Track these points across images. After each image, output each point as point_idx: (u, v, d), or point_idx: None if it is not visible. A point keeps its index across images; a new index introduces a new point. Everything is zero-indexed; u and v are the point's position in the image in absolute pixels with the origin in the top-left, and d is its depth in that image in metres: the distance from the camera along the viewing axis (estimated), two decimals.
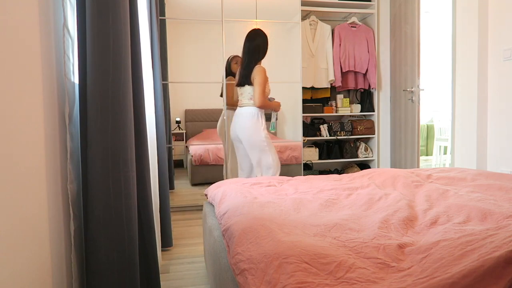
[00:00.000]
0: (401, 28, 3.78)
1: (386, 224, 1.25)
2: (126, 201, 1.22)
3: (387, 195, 1.60)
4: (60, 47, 1.14)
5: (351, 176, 2.11)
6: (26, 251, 0.93)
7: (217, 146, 3.78)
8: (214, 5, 3.47)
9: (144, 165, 1.51)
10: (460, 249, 0.95)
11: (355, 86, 4.06)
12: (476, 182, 1.81)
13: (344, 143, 4.11)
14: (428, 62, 6.98)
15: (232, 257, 1.13)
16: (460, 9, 3.25)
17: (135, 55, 1.41)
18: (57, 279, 1.09)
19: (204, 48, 3.86)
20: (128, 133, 1.24)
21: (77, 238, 1.20)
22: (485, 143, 3.13)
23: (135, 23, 1.43)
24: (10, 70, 0.87)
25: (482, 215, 1.29)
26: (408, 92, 3.69)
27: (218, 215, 1.56)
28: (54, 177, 1.09)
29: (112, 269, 1.19)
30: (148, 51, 2.11)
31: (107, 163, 1.17)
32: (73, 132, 1.20)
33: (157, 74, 2.32)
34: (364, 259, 1.00)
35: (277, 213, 1.40)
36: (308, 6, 3.81)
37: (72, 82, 1.20)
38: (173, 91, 3.74)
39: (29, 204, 0.95)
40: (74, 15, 1.21)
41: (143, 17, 2.00)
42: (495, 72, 3.03)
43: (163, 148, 2.39)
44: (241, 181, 1.98)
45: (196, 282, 1.95)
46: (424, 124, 6.56)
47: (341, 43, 3.93)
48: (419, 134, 3.62)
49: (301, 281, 0.86)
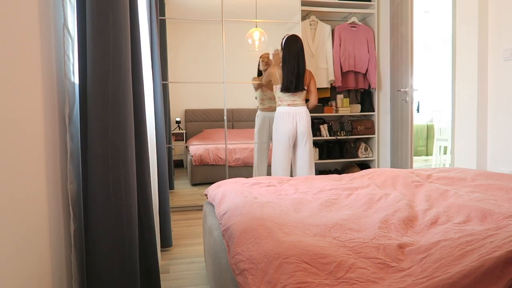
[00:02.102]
0: (398, 28, 3.78)
1: (386, 224, 1.25)
2: (126, 201, 1.22)
3: (387, 195, 1.60)
4: (60, 47, 1.14)
5: (351, 176, 2.11)
6: (26, 251, 0.93)
7: (217, 146, 3.78)
8: (214, 5, 3.47)
9: (144, 165, 1.51)
10: (460, 249, 0.95)
11: (355, 86, 4.06)
12: (476, 182, 1.81)
13: (344, 143, 4.11)
14: (428, 62, 6.98)
15: (232, 257, 1.13)
16: (460, 9, 3.25)
17: (135, 55, 1.41)
18: (57, 279, 1.09)
19: (204, 48, 3.86)
20: (128, 133, 1.24)
21: (77, 238, 1.20)
22: (485, 143, 3.13)
23: (135, 23, 1.43)
24: (10, 70, 0.87)
25: (482, 215, 1.29)
26: (402, 92, 3.69)
27: (218, 215, 1.56)
28: (54, 177, 1.09)
29: (112, 269, 1.19)
30: (148, 51, 2.11)
31: (107, 163, 1.17)
32: (73, 132, 1.20)
33: (157, 74, 2.32)
34: (364, 259, 1.00)
35: (277, 213, 1.39)
36: (308, 6, 3.81)
37: (72, 82, 1.20)
38: (173, 91, 3.74)
39: (29, 204, 0.95)
40: (74, 15, 1.21)
41: (143, 17, 2.00)
42: (495, 72, 3.03)
43: (163, 148, 2.39)
44: (241, 181, 1.98)
45: (196, 282, 1.95)
46: (424, 124, 6.56)
47: (341, 43, 3.93)
48: (412, 134, 3.62)
49: (301, 281, 0.86)
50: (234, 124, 4.09)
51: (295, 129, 3.01)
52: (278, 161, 3.05)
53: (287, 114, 3.01)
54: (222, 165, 3.72)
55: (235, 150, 3.78)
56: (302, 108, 3.03)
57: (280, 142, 3.02)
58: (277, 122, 3.05)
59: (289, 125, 2.99)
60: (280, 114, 3.04)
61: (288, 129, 2.99)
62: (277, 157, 3.06)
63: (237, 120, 4.11)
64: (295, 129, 3.01)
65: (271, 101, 3.50)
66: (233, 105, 3.96)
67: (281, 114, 3.03)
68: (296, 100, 3.03)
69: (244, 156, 3.83)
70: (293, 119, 3.00)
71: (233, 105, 3.93)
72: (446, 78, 6.42)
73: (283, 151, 3.02)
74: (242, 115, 4.12)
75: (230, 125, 4.03)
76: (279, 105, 3.08)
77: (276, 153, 3.06)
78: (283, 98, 3.04)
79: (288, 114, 3.01)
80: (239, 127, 4.06)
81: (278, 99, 3.08)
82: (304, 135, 3.02)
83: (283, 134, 3.00)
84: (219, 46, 3.49)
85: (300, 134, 3.02)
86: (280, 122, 3.02)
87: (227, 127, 3.60)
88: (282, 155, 3.02)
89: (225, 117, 3.54)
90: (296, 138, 3.04)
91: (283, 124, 3.00)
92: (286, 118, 3.00)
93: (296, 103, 3.02)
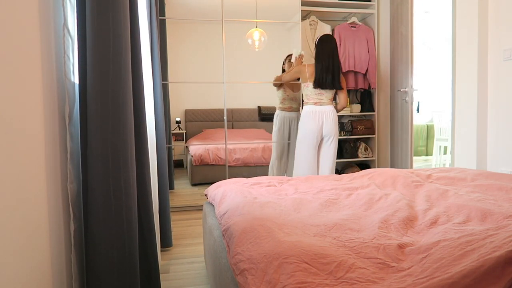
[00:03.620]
0: (398, 28, 3.78)
1: (386, 224, 1.25)
2: (126, 201, 1.22)
3: (387, 195, 1.60)
4: (60, 47, 1.14)
5: (351, 176, 2.11)
6: (26, 251, 0.93)
7: (217, 146, 3.78)
8: (214, 5, 3.47)
9: (144, 165, 1.51)
10: (460, 249, 0.95)
11: (355, 86, 4.06)
12: (476, 182, 1.81)
13: (344, 143, 4.11)
14: (428, 62, 6.98)
15: (232, 257, 1.13)
16: (460, 9, 3.25)
17: (135, 55, 1.41)
18: (57, 279, 1.09)
19: (204, 48, 3.85)
20: (128, 133, 1.24)
21: (77, 238, 1.20)
22: (485, 143, 3.13)
23: (135, 23, 1.43)
24: (10, 70, 0.87)
25: (482, 215, 1.29)
26: (402, 92, 3.69)
27: (218, 215, 1.56)
28: (54, 177, 1.09)
29: (112, 269, 1.19)
30: (148, 51, 2.11)
31: (107, 163, 1.17)
32: (73, 132, 1.20)
33: (157, 74, 2.32)
34: (364, 259, 1.00)
35: (277, 213, 1.39)
36: (308, 6, 3.81)
37: (72, 82, 1.20)
38: (173, 91, 3.74)
39: (29, 204, 0.95)
40: (74, 15, 1.21)
41: (143, 17, 2.00)
42: (495, 72, 3.03)
43: (163, 148, 2.39)
44: (241, 181, 1.98)
45: (196, 282, 1.95)
46: (424, 124, 6.56)
47: (341, 43, 3.93)
48: (412, 134, 3.62)
49: (301, 281, 0.86)
50: (234, 124, 4.09)
51: (321, 128, 2.97)
52: (304, 161, 3.00)
53: (313, 113, 2.97)
54: (222, 165, 3.72)
55: (235, 150, 3.78)
56: (329, 107, 2.99)
57: (306, 141, 2.99)
58: (303, 121, 3.02)
59: (315, 124, 2.95)
60: (306, 113, 3.00)
61: (314, 128, 2.95)
62: (303, 156, 3.01)
63: (237, 120, 4.11)
64: (321, 128, 2.97)
65: (292, 102, 3.50)
66: (233, 105, 3.96)
67: (307, 112, 2.99)
68: (323, 99, 2.99)
69: (244, 156, 3.83)
70: (319, 118, 2.97)
71: (233, 105, 3.93)
72: (446, 78, 6.42)
73: (310, 150, 2.98)
74: (242, 115, 4.12)
75: (230, 125, 4.03)
76: (306, 103, 3.04)
77: (302, 153, 3.02)
78: (310, 96, 3.00)
79: (315, 113, 2.97)
80: (239, 127, 4.06)
81: (306, 97, 3.04)
82: (330, 135, 2.99)
83: (309, 133, 2.96)
84: (219, 46, 3.49)
85: (326, 133, 2.99)
86: (306, 121, 2.98)
87: (227, 127, 3.60)
88: (309, 154, 2.99)
89: (225, 117, 3.54)
90: (322, 138, 3.02)
91: (309, 123, 2.97)
92: (312, 117, 2.96)
93: (323, 102, 2.99)
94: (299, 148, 3.04)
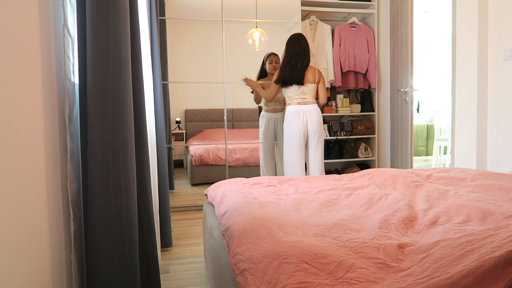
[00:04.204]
0: (398, 28, 3.79)
1: (386, 224, 1.25)
2: (126, 201, 1.22)
3: (387, 195, 1.60)
4: (60, 47, 1.14)
5: (351, 176, 2.11)
6: (26, 251, 0.93)
7: (217, 146, 3.78)
8: (214, 5, 3.47)
9: (144, 165, 1.51)
10: (460, 249, 0.95)
11: (355, 86, 4.06)
12: (476, 182, 1.81)
13: (344, 143, 4.11)
14: (428, 62, 6.98)
15: (232, 257, 1.13)
16: (460, 9, 3.25)
17: (135, 55, 1.41)
18: (57, 279, 1.09)
19: (204, 48, 3.86)
20: (128, 133, 1.24)
21: (77, 238, 1.20)
22: (485, 143, 3.13)
23: (135, 23, 1.43)
24: (10, 70, 0.87)
25: (482, 215, 1.29)
26: (402, 92, 3.69)
27: (218, 215, 1.56)
28: (54, 177, 1.09)
29: (112, 269, 1.19)
30: (148, 51, 2.11)
31: (107, 163, 1.17)
32: (73, 132, 1.20)
33: (157, 74, 2.32)
34: (364, 259, 1.00)
35: (277, 213, 1.39)
36: (308, 6, 3.81)
37: (72, 82, 1.20)
38: (173, 91, 3.74)
39: (29, 204, 0.95)
40: (74, 15, 1.21)
41: (143, 17, 2.00)
42: (495, 72, 3.03)
43: (163, 148, 2.39)
44: (241, 181, 1.98)
45: (196, 282, 1.95)
46: (424, 124, 6.56)
47: (341, 43, 3.93)
48: (412, 134, 3.62)
49: (301, 281, 0.86)
50: (234, 124, 4.10)
51: (305, 128, 2.97)
52: (293, 162, 3.00)
53: (297, 112, 2.96)
54: (222, 165, 3.72)
55: (235, 150, 3.79)
56: (313, 106, 2.99)
57: (292, 141, 2.98)
58: (288, 121, 3.01)
59: (300, 122, 2.95)
60: (290, 113, 2.99)
61: (299, 128, 2.95)
62: (291, 157, 3.00)
63: (237, 120, 4.11)
64: (306, 127, 2.97)
65: (276, 104, 3.49)
66: (233, 105, 3.96)
67: (291, 112, 2.99)
68: (306, 98, 2.98)
69: (244, 156, 3.83)
70: (303, 117, 2.96)
71: (233, 105, 3.94)
72: (446, 78, 6.42)
73: (296, 151, 2.97)
74: (242, 115, 4.12)
75: (230, 125, 4.03)
76: (289, 104, 3.03)
77: (290, 154, 3.01)
78: (293, 97, 3.00)
79: (298, 112, 2.96)
80: (239, 127, 4.07)
81: (288, 98, 3.04)
82: (315, 133, 2.98)
83: (294, 133, 2.96)
84: (219, 46, 3.49)
85: (311, 132, 2.98)
86: (291, 120, 2.98)
87: (227, 127, 3.60)
88: (297, 155, 2.98)
89: (225, 117, 3.53)
90: (308, 137, 3.01)
91: (293, 123, 2.96)
92: (296, 116, 2.96)
93: (306, 101, 2.98)
94: (287, 149, 3.04)
